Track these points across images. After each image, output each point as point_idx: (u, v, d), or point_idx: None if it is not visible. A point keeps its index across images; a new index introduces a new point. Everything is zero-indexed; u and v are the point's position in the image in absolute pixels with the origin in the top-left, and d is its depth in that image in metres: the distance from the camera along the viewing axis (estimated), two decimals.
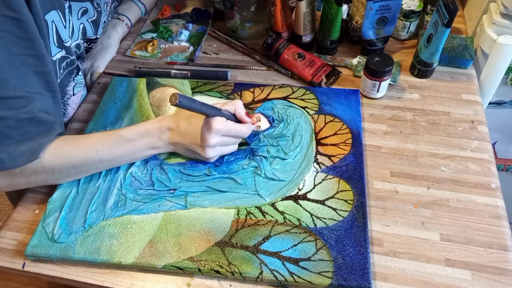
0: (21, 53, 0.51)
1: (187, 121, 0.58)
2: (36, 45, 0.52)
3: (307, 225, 0.55)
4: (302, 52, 0.76)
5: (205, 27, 0.89)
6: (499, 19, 0.70)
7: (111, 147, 0.58)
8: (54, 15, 0.57)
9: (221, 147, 0.59)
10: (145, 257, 0.52)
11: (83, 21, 0.67)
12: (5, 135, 0.51)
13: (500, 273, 0.51)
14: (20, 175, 0.54)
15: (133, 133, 0.58)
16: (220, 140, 0.57)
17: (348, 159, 0.61)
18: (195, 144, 0.58)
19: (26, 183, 0.57)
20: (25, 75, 0.52)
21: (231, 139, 0.60)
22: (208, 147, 0.57)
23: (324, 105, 0.69)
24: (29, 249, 0.54)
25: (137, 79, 0.75)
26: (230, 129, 0.57)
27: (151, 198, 0.58)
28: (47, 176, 0.56)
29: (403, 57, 0.79)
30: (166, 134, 0.59)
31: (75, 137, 0.59)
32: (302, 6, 0.73)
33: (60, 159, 0.55)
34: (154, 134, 0.59)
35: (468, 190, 0.59)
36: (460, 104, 0.70)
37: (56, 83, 0.57)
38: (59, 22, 0.58)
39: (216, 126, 0.55)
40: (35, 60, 0.53)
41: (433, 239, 0.54)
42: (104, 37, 0.82)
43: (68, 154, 0.56)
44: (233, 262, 0.51)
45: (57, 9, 0.57)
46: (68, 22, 0.60)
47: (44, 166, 0.55)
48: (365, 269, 0.50)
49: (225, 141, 0.59)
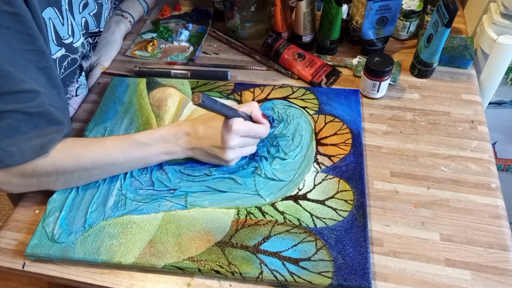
0: (22, 49, 0.50)
1: (205, 125, 0.57)
2: (36, 40, 0.51)
3: (307, 225, 0.55)
4: (302, 52, 0.76)
5: (205, 27, 0.89)
6: (499, 19, 0.70)
7: (124, 151, 0.57)
8: (51, 12, 0.57)
9: (240, 148, 0.58)
10: (145, 257, 0.52)
11: (85, 15, 0.67)
12: (15, 129, 0.51)
13: (500, 273, 0.51)
14: (32, 175, 0.54)
15: (148, 137, 0.57)
16: (240, 141, 0.57)
17: (348, 159, 0.61)
18: (214, 147, 0.57)
19: (37, 184, 0.56)
20: (29, 70, 0.51)
21: (250, 140, 0.59)
22: (229, 149, 0.56)
23: (324, 105, 0.69)
24: (29, 249, 0.54)
25: (137, 79, 0.75)
26: (249, 129, 0.57)
27: (151, 198, 0.58)
28: (57, 177, 0.56)
29: (403, 57, 0.79)
30: (183, 139, 0.58)
31: (88, 139, 0.59)
32: (302, 6, 0.73)
33: (72, 159, 0.55)
34: (170, 140, 0.58)
35: (468, 190, 0.59)
36: (460, 104, 0.70)
37: (58, 79, 0.57)
38: (56, 19, 0.58)
39: (236, 126, 0.55)
40: (36, 56, 0.52)
41: (433, 239, 0.54)
42: (107, 33, 0.82)
43: (81, 155, 0.55)
44: (233, 262, 0.51)
45: (52, 5, 0.57)
46: (66, 20, 0.60)
47: (56, 167, 0.54)
48: (365, 269, 0.50)
49: (245, 142, 0.58)
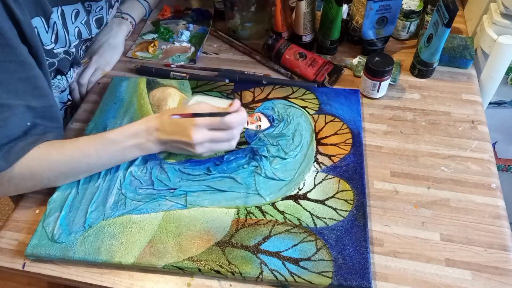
0: (2, 60, 0.50)
1: (171, 119, 0.57)
2: (17, 51, 0.51)
3: (307, 225, 0.55)
4: (303, 52, 0.76)
5: (205, 27, 0.89)
6: (499, 19, 0.70)
7: (97, 150, 0.57)
8: (37, 21, 0.57)
9: (210, 143, 0.57)
10: (145, 257, 0.52)
11: (78, 25, 0.67)
12: None
13: (500, 273, 0.51)
14: (9, 183, 0.54)
15: (121, 135, 0.57)
16: (207, 135, 0.55)
17: (348, 159, 0.61)
18: (182, 143, 0.57)
19: (16, 190, 0.57)
20: (8, 82, 0.51)
21: (222, 134, 0.57)
22: (196, 144, 0.55)
23: (324, 105, 0.69)
24: (29, 249, 0.54)
25: (137, 79, 0.75)
26: (212, 121, 0.55)
27: (151, 198, 0.58)
28: (35, 183, 0.57)
29: (403, 57, 0.79)
30: (154, 135, 0.58)
31: (61, 141, 0.58)
32: (302, 6, 0.73)
33: (46, 164, 0.55)
34: (142, 136, 0.58)
35: (468, 190, 0.58)
36: (460, 104, 0.70)
37: (47, 87, 0.57)
38: (42, 28, 0.58)
39: (197, 121, 0.54)
40: (18, 66, 0.52)
41: (434, 239, 0.54)
42: (110, 36, 0.81)
43: (54, 159, 0.55)
44: (233, 262, 0.51)
45: (40, 15, 0.57)
46: (51, 28, 0.60)
47: (32, 172, 0.55)
48: (365, 269, 0.50)
49: (214, 137, 0.56)
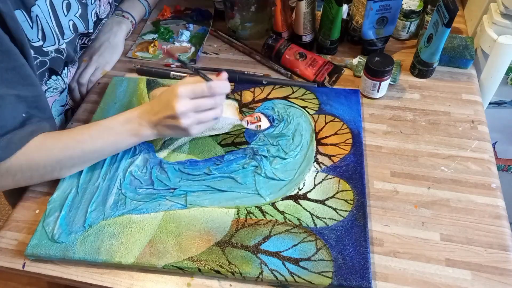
0: None
1: (158, 98, 0.57)
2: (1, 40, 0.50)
3: (307, 225, 0.55)
4: (303, 52, 0.76)
5: (206, 27, 0.89)
6: (499, 19, 0.70)
7: (92, 136, 0.57)
8: (19, 14, 0.55)
9: (196, 113, 0.55)
10: (145, 257, 0.52)
11: (71, 17, 0.66)
12: None
13: (500, 273, 0.51)
14: (7, 173, 0.54)
15: (114, 121, 0.58)
16: (191, 104, 0.54)
17: (348, 159, 0.61)
18: (168, 117, 0.55)
19: (13, 181, 0.56)
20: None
21: (205, 101, 0.55)
22: (181, 115, 0.54)
23: (324, 105, 0.69)
24: (29, 249, 0.54)
25: (137, 79, 0.75)
26: (195, 88, 0.54)
27: (151, 198, 0.58)
28: (32, 173, 0.56)
29: (403, 57, 0.79)
30: (145, 118, 0.58)
31: (57, 132, 0.59)
32: (302, 6, 0.73)
33: (43, 152, 0.55)
34: (134, 121, 0.58)
35: (468, 190, 0.58)
36: (460, 104, 0.70)
37: (34, 76, 0.57)
38: (24, 22, 0.57)
39: (180, 89, 0.53)
40: (4, 56, 0.51)
41: (434, 239, 0.54)
42: (110, 35, 0.81)
43: (51, 147, 0.56)
44: (233, 262, 0.51)
45: (21, 8, 0.56)
46: (35, 24, 0.59)
47: (29, 162, 0.55)
48: (365, 269, 0.50)
49: (198, 104, 0.55)
